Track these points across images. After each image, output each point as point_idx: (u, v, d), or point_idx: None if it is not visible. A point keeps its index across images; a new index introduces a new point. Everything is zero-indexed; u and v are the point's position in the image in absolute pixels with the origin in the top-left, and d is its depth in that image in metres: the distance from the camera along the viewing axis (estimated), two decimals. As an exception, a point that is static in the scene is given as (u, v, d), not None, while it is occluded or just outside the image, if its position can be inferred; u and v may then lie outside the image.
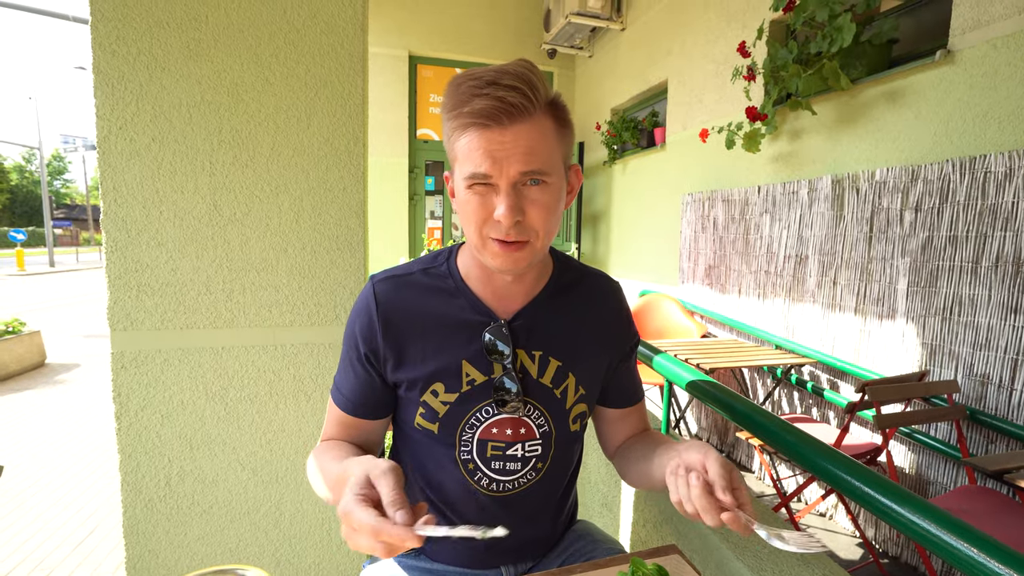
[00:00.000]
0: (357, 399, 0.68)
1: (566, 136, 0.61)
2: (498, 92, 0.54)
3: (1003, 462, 1.16)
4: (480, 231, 0.59)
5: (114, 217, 0.98)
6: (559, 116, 0.60)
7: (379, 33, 4.44)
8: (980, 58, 1.70)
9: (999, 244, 1.64)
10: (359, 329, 0.67)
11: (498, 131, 0.55)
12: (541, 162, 0.57)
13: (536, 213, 0.58)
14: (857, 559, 1.99)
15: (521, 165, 0.56)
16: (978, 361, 1.73)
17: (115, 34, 0.95)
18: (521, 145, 0.55)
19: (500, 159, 0.55)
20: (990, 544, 0.61)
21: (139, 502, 1.04)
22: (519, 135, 0.55)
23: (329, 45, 1.07)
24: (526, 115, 0.55)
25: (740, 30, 2.74)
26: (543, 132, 0.57)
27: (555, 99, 0.59)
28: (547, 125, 0.58)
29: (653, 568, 0.55)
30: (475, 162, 0.56)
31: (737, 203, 2.81)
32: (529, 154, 0.56)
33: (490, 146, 0.55)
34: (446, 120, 0.59)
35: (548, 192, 0.58)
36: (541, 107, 0.57)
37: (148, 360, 1.02)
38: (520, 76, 0.55)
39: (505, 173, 0.56)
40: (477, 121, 0.55)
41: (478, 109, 0.54)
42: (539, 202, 0.58)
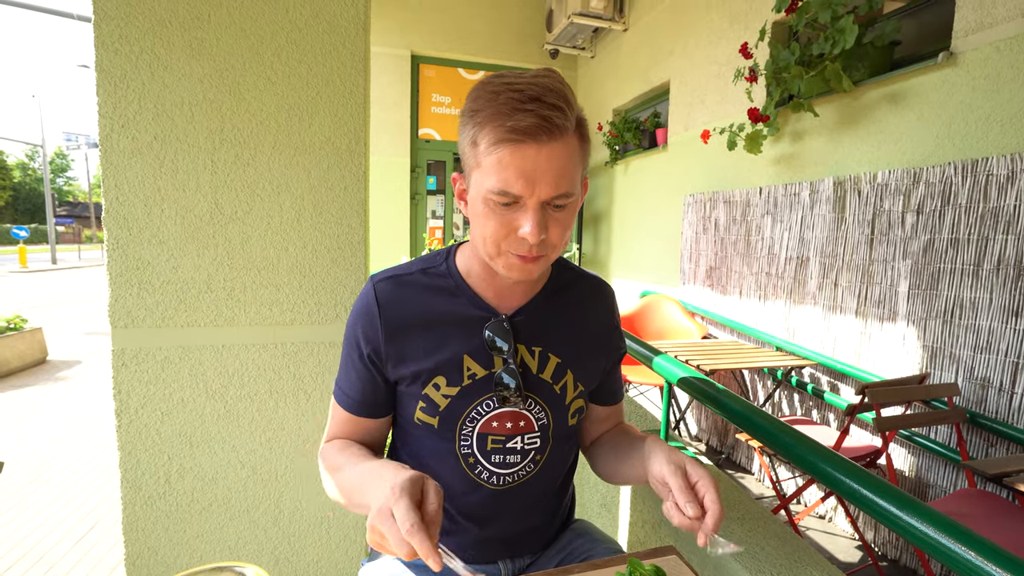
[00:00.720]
0: (360, 398, 0.69)
1: (587, 152, 0.61)
2: (543, 111, 0.53)
3: (1002, 465, 1.16)
4: (499, 245, 0.59)
5: (116, 215, 0.98)
6: (583, 133, 0.59)
7: (381, 33, 4.45)
8: (983, 61, 1.70)
9: (1001, 247, 1.64)
10: (361, 329, 0.67)
11: (533, 148, 0.54)
12: (569, 185, 0.57)
13: (557, 231, 0.59)
14: (856, 562, 1.98)
15: (553, 189, 0.55)
16: (979, 364, 1.72)
17: (118, 32, 0.95)
18: (554, 167, 0.55)
19: (533, 180, 0.55)
20: (988, 548, 0.61)
21: (139, 499, 1.04)
22: (552, 155, 0.55)
23: (331, 44, 1.08)
24: (562, 134, 0.55)
25: (742, 31, 2.74)
26: (572, 152, 0.57)
27: (581, 116, 0.59)
28: (575, 144, 0.57)
29: (651, 569, 0.55)
30: (505, 180, 0.55)
31: (738, 204, 2.80)
32: (560, 176, 0.55)
33: (524, 164, 0.54)
34: (475, 126, 0.56)
35: (570, 210, 0.59)
36: (572, 126, 0.56)
37: (149, 357, 1.02)
38: (560, 94, 0.55)
39: (536, 194, 0.55)
40: (517, 138, 0.54)
41: (523, 126, 0.53)
42: (561, 220, 0.59)
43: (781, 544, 0.84)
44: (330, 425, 0.73)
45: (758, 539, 0.84)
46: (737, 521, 0.89)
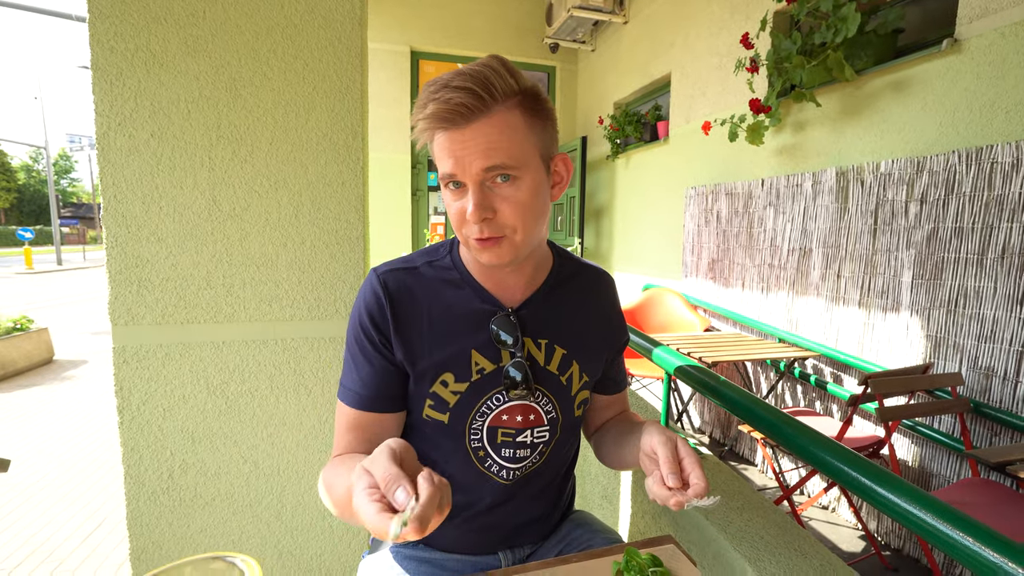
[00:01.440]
0: (371, 392, 0.66)
1: (542, 127, 0.60)
2: (447, 95, 0.55)
3: (1006, 454, 1.15)
4: (460, 231, 0.61)
5: (114, 213, 0.98)
6: (532, 107, 0.59)
7: (380, 29, 4.43)
8: (987, 47, 1.68)
9: (1005, 235, 1.63)
10: (370, 317, 0.65)
11: (457, 131, 0.56)
12: (504, 156, 0.56)
13: (507, 209, 0.58)
14: (859, 551, 1.98)
15: (481, 161, 0.56)
16: (983, 354, 1.71)
17: (113, 31, 0.95)
18: (480, 143, 0.56)
19: (461, 158, 0.56)
20: (990, 536, 0.60)
21: (142, 494, 1.05)
22: (477, 133, 0.56)
23: (327, 39, 1.07)
24: (480, 113, 0.56)
25: (743, 21, 2.71)
26: (505, 126, 0.57)
27: (526, 89, 0.58)
28: (512, 119, 0.57)
29: (647, 558, 0.55)
30: (443, 162, 0.58)
31: (740, 196, 2.79)
32: (489, 150, 0.56)
33: (452, 146, 0.57)
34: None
35: (520, 187, 0.58)
36: (501, 102, 0.56)
37: (149, 355, 1.03)
38: (473, 76, 0.55)
39: (468, 171, 0.57)
40: (433, 125, 0.57)
41: (430, 114, 0.56)
42: (510, 198, 0.58)
43: (781, 533, 0.84)
44: (336, 438, 0.68)
45: (758, 529, 0.84)
46: (737, 511, 0.89)
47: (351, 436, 0.67)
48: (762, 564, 0.74)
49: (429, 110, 0.56)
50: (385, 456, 0.44)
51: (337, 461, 0.65)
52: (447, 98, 0.55)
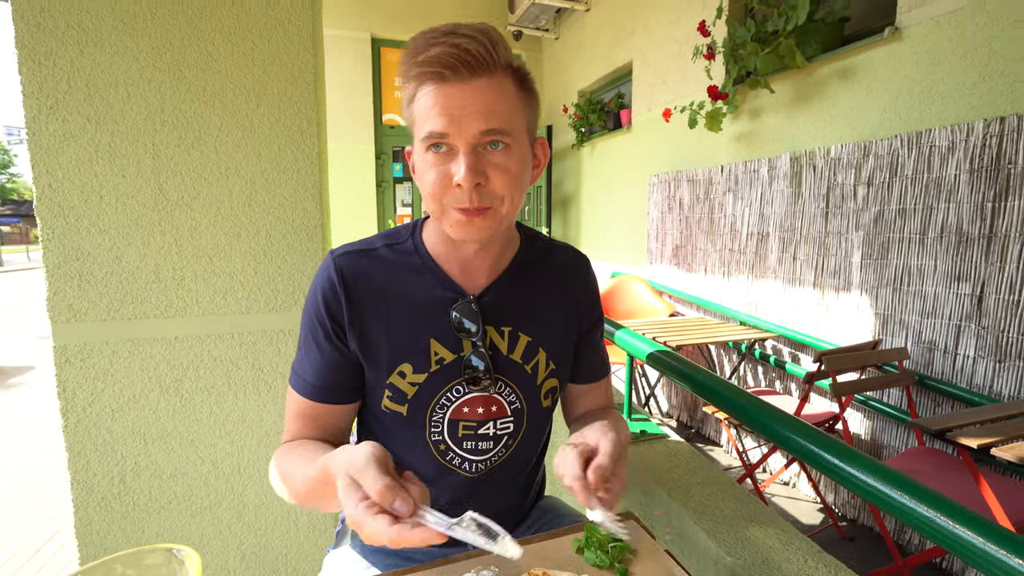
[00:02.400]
0: (324, 382, 0.63)
1: (530, 103, 0.59)
2: (455, 39, 0.51)
3: (944, 422, 1.23)
4: (440, 200, 0.56)
5: (49, 203, 0.92)
6: (522, 81, 0.57)
7: (339, 15, 4.30)
8: (924, 35, 1.76)
9: (943, 215, 1.72)
10: (324, 303, 0.62)
11: (456, 85, 0.52)
12: (502, 121, 0.53)
13: (499, 177, 0.55)
14: (818, 523, 2.08)
15: (481, 123, 0.52)
16: (925, 328, 1.81)
17: (38, 5, 0.88)
18: (480, 102, 0.52)
19: (458, 117, 0.52)
20: (931, 496, 0.64)
21: (91, 501, 1.00)
22: (478, 90, 0.52)
23: (276, 19, 1.03)
24: (486, 70, 0.52)
25: (701, 9, 2.76)
26: (505, 91, 0.54)
27: (519, 64, 0.57)
28: (509, 86, 0.55)
29: (606, 533, 0.56)
30: (432, 120, 0.53)
31: (701, 183, 2.85)
32: (489, 112, 0.53)
33: (448, 102, 0.52)
34: (403, 81, 0.56)
35: (511, 156, 0.55)
36: (502, 65, 0.54)
37: (94, 353, 0.98)
38: (479, 28, 0.52)
39: (463, 132, 0.52)
40: (434, 70, 0.52)
41: (434, 56, 0.51)
42: (501, 166, 0.55)
43: (740, 507, 0.87)
44: (287, 423, 0.66)
45: (718, 503, 0.87)
46: (698, 487, 0.92)
47: (301, 423, 0.65)
48: (721, 536, 0.77)
49: (433, 53, 0.51)
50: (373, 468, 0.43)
51: (289, 447, 0.63)
52: (455, 42, 0.50)
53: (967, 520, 0.57)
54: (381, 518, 0.41)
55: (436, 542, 0.40)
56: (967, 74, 1.65)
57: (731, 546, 0.75)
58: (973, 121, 1.61)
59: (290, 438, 0.66)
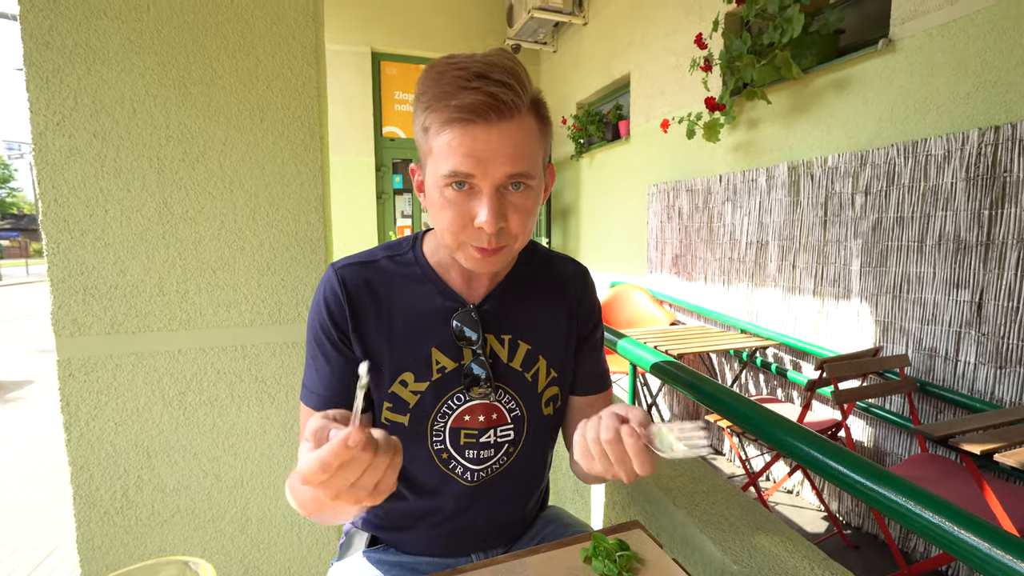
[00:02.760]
0: (334, 393, 0.63)
1: (547, 134, 0.59)
2: (489, 87, 0.50)
3: (947, 428, 1.23)
4: (458, 237, 0.57)
5: (55, 218, 0.93)
6: (542, 115, 0.57)
7: (340, 30, 4.36)
8: (918, 47, 1.79)
9: (941, 223, 1.73)
10: (327, 313, 0.63)
11: (484, 128, 0.52)
12: (527, 164, 0.54)
13: (517, 219, 0.56)
14: (823, 531, 2.07)
15: (508, 167, 0.53)
16: (926, 335, 1.82)
17: (47, 24, 0.90)
18: (507, 145, 0.52)
19: (485, 160, 0.52)
20: (931, 499, 0.64)
21: (94, 515, 1.00)
22: (505, 134, 0.52)
23: (280, 36, 1.05)
24: (514, 113, 0.53)
25: (697, 22, 2.80)
26: (528, 132, 0.55)
27: (538, 96, 0.57)
28: (532, 124, 0.55)
29: (614, 543, 0.56)
30: (456, 161, 0.52)
31: (700, 192, 2.87)
32: (516, 155, 0.53)
33: (475, 144, 0.52)
34: (423, 111, 0.54)
35: (530, 196, 0.56)
36: (527, 105, 0.54)
37: (98, 366, 0.98)
38: (509, 71, 0.52)
39: (489, 175, 0.53)
40: (464, 117, 0.51)
41: (467, 104, 0.51)
42: (520, 207, 0.56)
43: (745, 514, 0.86)
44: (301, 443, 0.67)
45: (723, 511, 0.87)
46: (703, 495, 0.91)
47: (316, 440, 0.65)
48: (726, 543, 0.77)
49: (466, 100, 0.50)
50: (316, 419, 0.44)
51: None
52: (490, 91, 0.50)
53: (973, 525, 0.57)
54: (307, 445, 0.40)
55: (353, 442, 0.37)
56: (961, 84, 1.67)
57: (737, 554, 0.75)
58: (968, 130, 1.63)
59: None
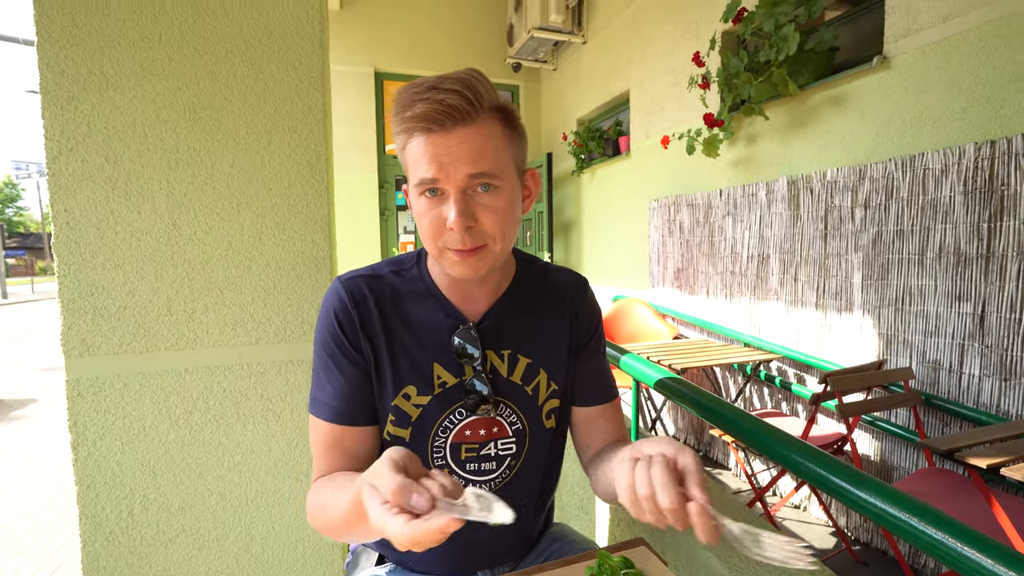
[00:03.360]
0: (347, 404, 0.64)
1: (517, 141, 0.62)
2: (438, 96, 0.54)
3: (954, 442, 1.22)
4: (436, 243, 0.60)
5: (66, 240, 0.95)
6: (508, 121, 0.60)
7: (344, 51, 4.45)
8: (912, 64, 1.81)
9: (941, 236, 1.74)
10: (338, 323, 0.64)
11: (443, 135, 0.55)
12: (489, 164, 0.57)
13: (489, 218, 0.58)
14: (831, 547, 2.04)
15: (468, 167, 0.56)
16: (929, 348, 1.82)
17: (63, 54, 0.93)
18: (466, 148, 0.56)
19: (446, 163, 0.55)
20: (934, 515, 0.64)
21: (99, 536, 1.00)
22: (464, 138, 0.56)
23: (288, 62, 1.08)
24: (470, 118, 0.56)
25: (695, 41, 2.85)
26: (490, 136, 0.57)
27: (503, 105, 0.60)
28: (495, 129, 0.58)
29: (619, 560, 0.56)
30: (423, 168, 0.56)
31: (701, 207, 2.89)
32: (476, 156, 0.56)
33: (435, 150, 0.56)
34: (393, 130, 0.59)
35: (500, 197, 0.59)
36: (486, 111, 0.57)
37: (106, 386, 0.99)
38: (461, 80, 0.56)
39: (452, 177, 0.56)
40: (420, 125, 0.55)
41: (420, 113, 0.54)
42: (491, 207, 0.58)
43: (751, 531, 0.86)
44: (315, 459, 0.65)
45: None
46: (708, 512, 0.91)
47: (332, 455, 0.64)
48: (731, 560, 0.77)
49: (418, 110, 0.54)
50: (387, 468, 0.42)
51: (325, 481, 0.61)
52: (439, 99, 0.54)
53: (977, 542, 0.57)
54: (399, 518, 0.39)
55: (452, 528, 0.39)
56: (955, 100, 1.70)
57: (743, 571, 0.75)
58: (964, 144, 1.65)
59: (320, 474, 0.65)
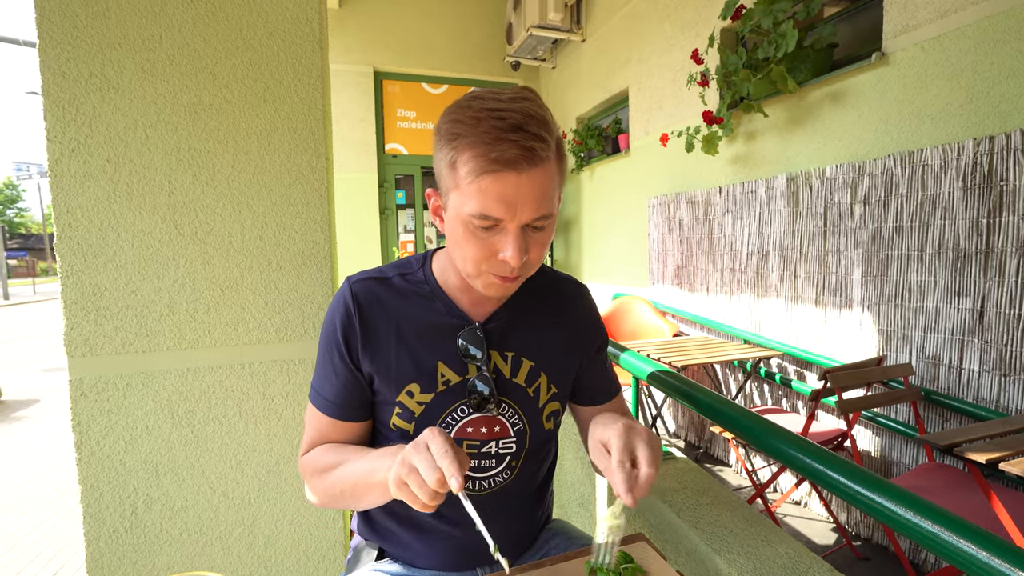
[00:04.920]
0: (342, 401, 0.68)
1: (563, 169, 0.62)
2: (527, 141, 0.54)
3: (952, 437, 1.23)
4: (479, 267, 0.60)
5: (68, 241, 0.96)
6: (560, 154, 0.60)
7: (343, 51, 4.45)
8: (910, 60, 1.82)
9: (940, 232, 1.74)
10: (339, 326, 0.67)
11: (515, 176, 0.55)
12: (550, 205, 0.58)
13: (537, 252, 0.61)
14: (832, 543, 2.05)
15: (534, 211, 0.56)
16: (929, 344, 1.82)
17: (64, 56, 0.93)
18: (536, 191, 0.56)
19: (515, 204, 0.55)
20: (932, 510, 0.65)
21: (103, 534, 1.01)
22: (534, 181, 0.55)
23: (287, 62, 1.08)
24: (544, 162, 0.56)
25: (693, 38, 2.85)
26: (552, 176, 0.58)
27: (560, 137, 0.60)
28: (554, 167, 0.58)
29: (619, 555, 0.57)
30: (486, 205, 0.55)
31: (700, 204, 2.90)
32: (542, 199, 0.57)
33: (505, 190, 0.55)
34: (454, 149, 0.56)
35: (548, 230, 0.61)
36: (553, 150, 0.57)
37: (109, 386, 1.00)
38: (542, 122, 0.55)
39: (517, 218, 0.56)
40: (500, 168, 0.54)
41: (507, 158, 0.53)
42: (540, 241, 0.60)
43: (750, 526, 0.87)
44: (308, 432, 0.71)
45: (728, 523, 0.87)
46: (707, 507, 0.92)
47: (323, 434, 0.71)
48: (731, 556, 0.77)
49: (506, 153, 0.53)
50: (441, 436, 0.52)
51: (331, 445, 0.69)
52: (528, 146, 0.53)
53: (973, 535, 0.57)
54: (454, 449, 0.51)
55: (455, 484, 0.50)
56: (954, 96, 1.70)
57: (743, 567, 0.75)
58: (963, 140, 1.65)
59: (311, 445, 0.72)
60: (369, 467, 0.59)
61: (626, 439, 0.53)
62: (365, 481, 0.59)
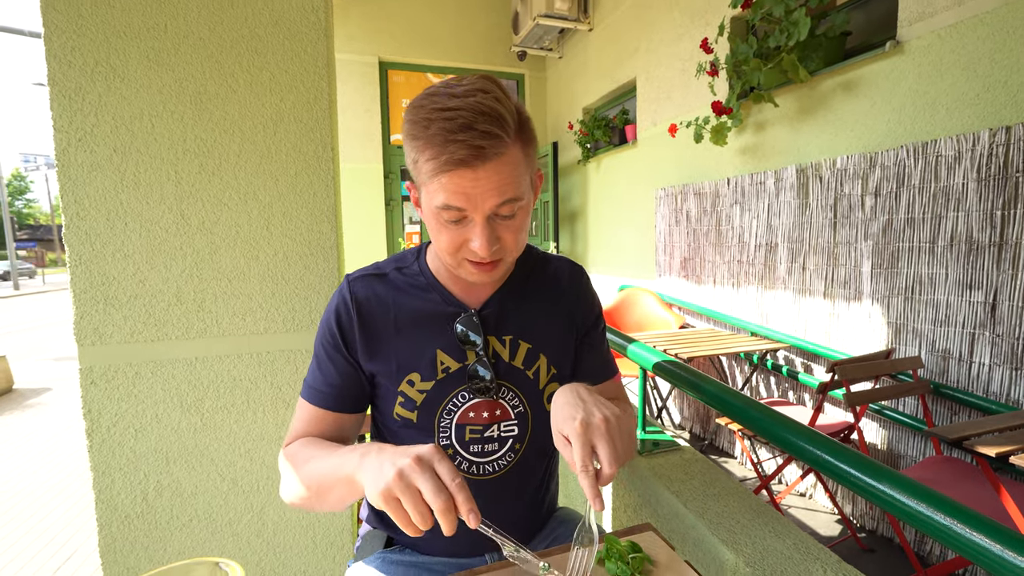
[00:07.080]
0: (335, 392, 0.69)
1: (532, 153, 0.62)
2: (475, 140, 0.53)
3: (961, 430, 1.22)
4: (454, 255, 0.62)
5: (77, 231, 0.96)
6: (525, 137, 0.60)
7: (347, 40, 4.42)
8: (926, 48, 1.78)
9: (952, 224, 1.72)
10: (336, 321, 0.69)
11: (471, 171, 0.55)
12: (513, 191, 0.58)
13: (510, 236, 0.61)
14: (837, 535, 2.05)
15: (496, 199, 0.57)
16: (939, 337, 1.80)
17: (70, 45, 0.93)
18: (494, 182, 0.56)
19: (474, 196, 0.56)
20: (943, 501, 0.64)
21: (115, 520, 1.02)
22: (491, 173, 0.55)
23: (293, 52, 1.07)
24: (498, 155, 0.55)
25: (703, 27, 2.80)
26: (514, 163, 0.57)
27: (521, 120, 0.59)
28: (516, 154, 0.58)
29: (627, 544, 0.57)
30: (449, 197, 0.56)
31: (708, 195, 2.87)
32: (502, 188, 0.57)
33: (463, 183, 0.55)
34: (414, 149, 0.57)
35: (520, 215, 0.61)
36: (512, 139, 0.56)
37: (119, 374, 1.00)
38: (495, 117, 0.54)
39: (480, 208, 0.57)
40: (452, 168, 0.54)
41: (456, 158, 0.54)
42: (512, 226, 0.60)
43: (756, 517, 0.87)
44: (295, 426, 0.71)
45: (735, 514, 0.87)
46: (714, 498, 0.92)
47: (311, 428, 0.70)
48: (739, 546, 0.77)
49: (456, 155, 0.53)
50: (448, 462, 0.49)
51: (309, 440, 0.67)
52: (476, 144, 0.53)
53: (984, 527, 0.57)
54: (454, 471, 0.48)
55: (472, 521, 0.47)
56: (970, 85, 1.66)
57: (750, 557, 0.75)
58: (979, 131, 1.62)
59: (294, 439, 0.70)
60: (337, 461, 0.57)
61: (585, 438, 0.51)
62: (332, 475, 0.57)
